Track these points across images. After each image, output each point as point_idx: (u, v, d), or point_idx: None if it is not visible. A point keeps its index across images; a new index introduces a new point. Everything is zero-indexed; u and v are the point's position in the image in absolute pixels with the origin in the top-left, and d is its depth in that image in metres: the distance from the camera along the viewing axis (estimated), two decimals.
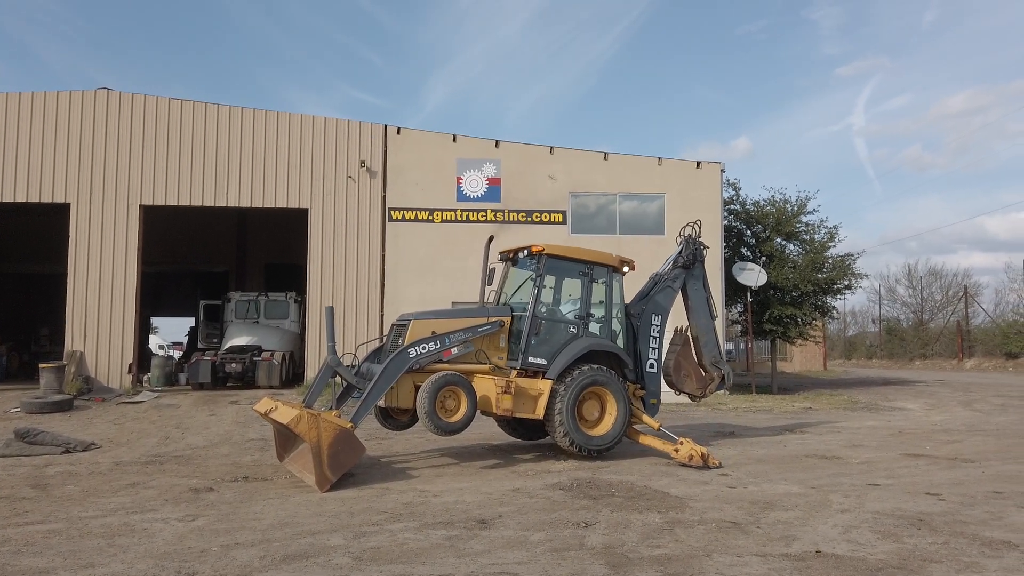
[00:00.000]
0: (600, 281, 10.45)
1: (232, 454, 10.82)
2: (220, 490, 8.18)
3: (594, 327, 10.39)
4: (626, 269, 10.76)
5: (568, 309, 10.50)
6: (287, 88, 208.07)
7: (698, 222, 11.86)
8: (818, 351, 42.05)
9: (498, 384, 9.49)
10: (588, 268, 10.30)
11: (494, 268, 10.90)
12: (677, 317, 11.59)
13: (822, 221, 24.44)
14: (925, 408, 18.52)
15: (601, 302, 10.49)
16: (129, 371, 19.89)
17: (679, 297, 11.50)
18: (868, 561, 5.60)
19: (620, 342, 10.60)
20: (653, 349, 10.91)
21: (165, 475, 9.14)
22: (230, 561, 5.56)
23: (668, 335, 11.42)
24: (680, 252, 11.51)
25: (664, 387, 11.14)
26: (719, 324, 12.43)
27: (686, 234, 11.66)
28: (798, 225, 23.99)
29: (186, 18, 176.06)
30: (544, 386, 9.75)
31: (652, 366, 10.87)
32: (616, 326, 10.61)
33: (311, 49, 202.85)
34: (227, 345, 21.78)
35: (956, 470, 9.61)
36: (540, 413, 9.75)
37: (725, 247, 22.46)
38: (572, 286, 10.60)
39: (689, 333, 11.58)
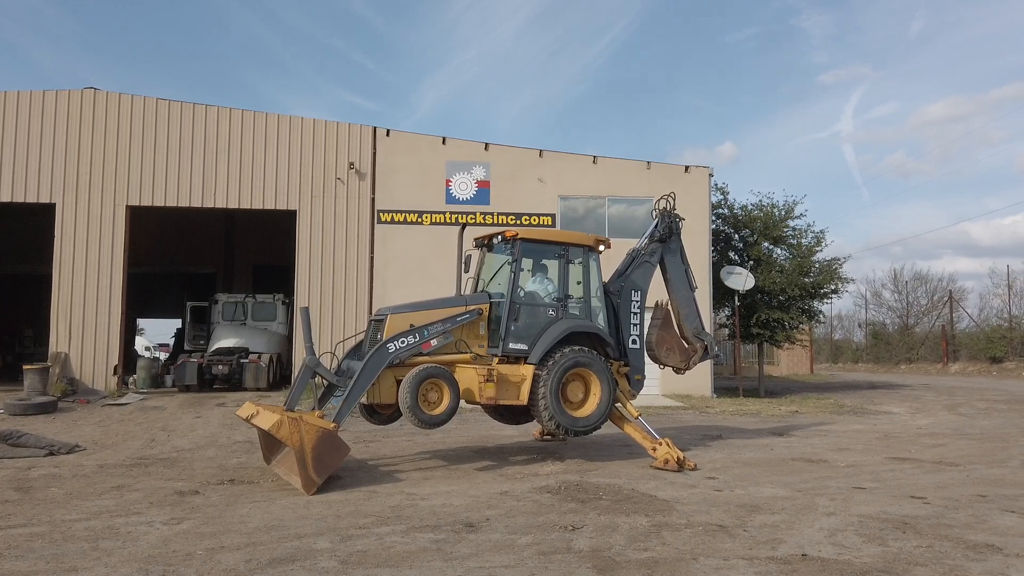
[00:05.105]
0: (577, 262, 10.42)
1: (218, 457, 10.75)
2: (206, 493, 8.12)
3: (573, 308, 10.35)
4: (602, 248, 10.73)
5: (547, 292, 10.48)
6: (279, 91, 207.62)
7: (672, 194, 11.74)
8: (805, 355, 42.20)
9: (480, 373, 9.43)
10: (564, 250, 10.27)
11: (470, 255, 10.89)
12: (657, 292, 11.55)
13: (809, 226, 24.53)
14: (910, 412, 18.64)
15: (579, 283, 10.47)
16: (114, 373, 19.73)
17: (658, 271, 11.48)
18: (854, 564, 5.63)
19: (600, 321, 10.56)
20: (635, 325, 10.89)
21: (150, 478, 9.07)
22: (215, 565, 5.52)
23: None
24: (656, 226, 11.43)
25: (650, 364, 11.11)
26: (701, 296, 12.29)
27: (661, 207, 11.59)
28: (785, 230, 24.09)
29: (178, 20, 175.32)
30: (527, 371, 9.71)
31: (635, 342, 10.85)
32: (596, 305, 10.57)
33: (304, 52, 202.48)
34: (214, 347, 21.66)
35: (941, 474, 9.68)
36: (524, 399, 9.71)
37: (713, 251, 22.55)
38: (549, 269, 10.58)
39: (670, 307, 11.57)
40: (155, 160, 20.31)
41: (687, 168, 21.91)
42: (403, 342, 9.17)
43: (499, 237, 10.41)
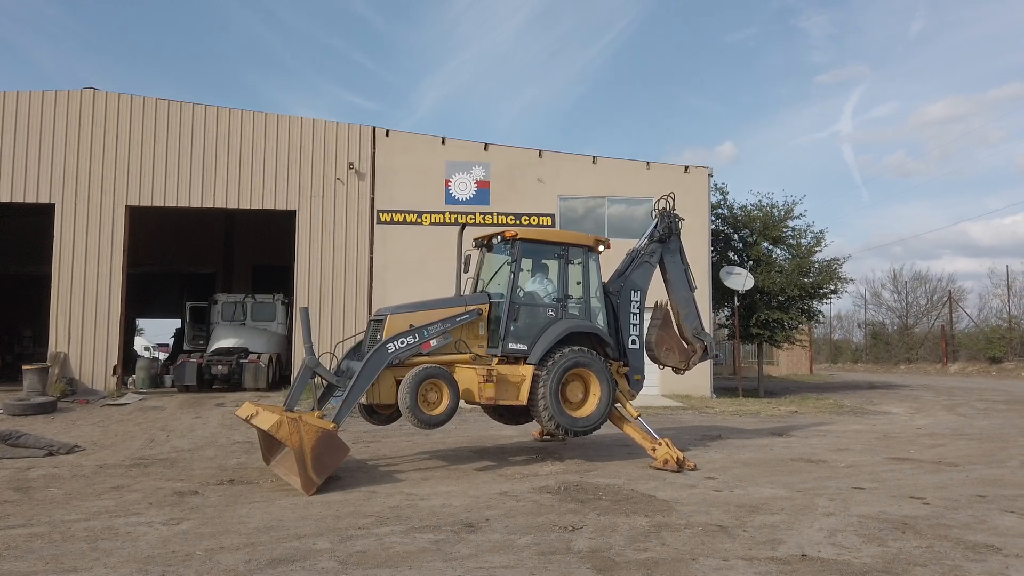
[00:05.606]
0: (576, 262, 10.42)
1: (217, 457, 10.74)
2: (205, 493, 8.12)
3: (573, 308, 10.35)
4: (602, 248, 10.73)
5: (547, 292, 10.45)
6: (279, 91, 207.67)
7: (672, 195, 11.74)
8: (804, 355, 42.20)
9: (480, 373, 9.42)
10: (563, 250, 10.27)
11: (469, 255, 10.90)
12: (657, 292, 11.55)
13: (808, 226, 24.54)
14: (910, 412, 18.65)
15: (579, 283, 10.47)
16: (114, 373, 19.73)
17: (657, 272, 11.49)
18: (853, 565, 5.63)
19: (600, 321, 10.56)
20: (634, 326, 10.89)
21: (149, 478, 9.07)
22: (215, 565, 5.52)
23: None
24: (655, 226, 11.43)
25: (649, 364, 11.11)
26: (700, 296, 12.27)
27: (660, 207, 11.60)
28: (785, 230, 24.10)
29: (178, 20, 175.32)
30: (526, 371, 9.70)
31: (634, 342, 10.85)
32: (595, 305, 10.57)
33: (304, 52, 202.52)
34: (213, 347, 21.65)
35: (940, 474, 9.68)
36: (524, 399, 9.71)
37: (713, 251, 22.55)
38: (549, 269, 10.57)
39: (669, 307, 11.58)
40: (155, 160, 20.31)
41: (687, 168, 21.91)
42: (403, 342, 9.16)
43: (499, 237, 10.41)
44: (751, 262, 23.57)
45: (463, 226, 11.71)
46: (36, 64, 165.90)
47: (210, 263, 31.08)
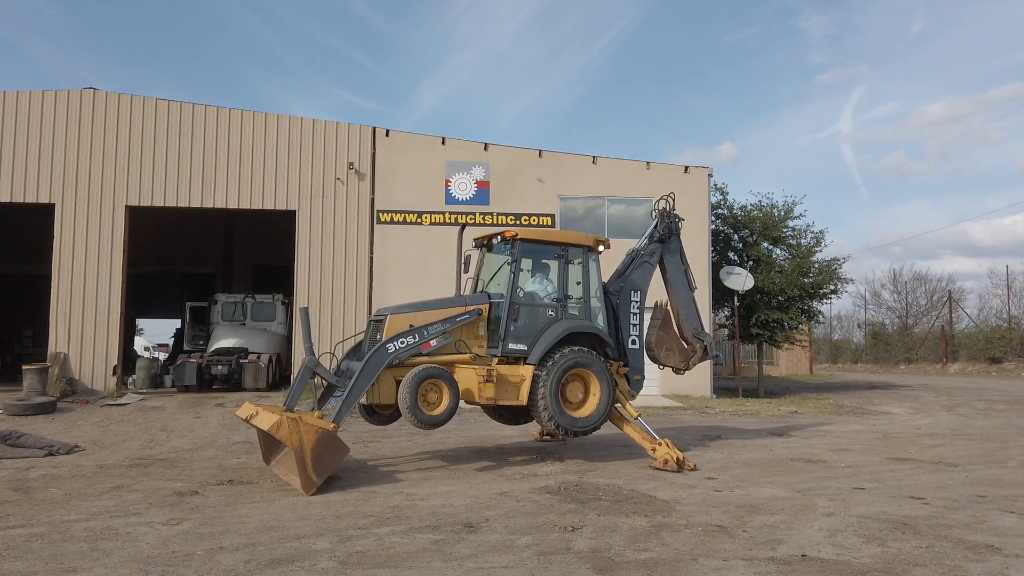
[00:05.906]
0: (576, 262, 10.42)
1: (217, 457, 10.74)
2: (205, 493, 8.12)
3: (573, 308, 10.35)
4: (602, 248, 10.73)
5: (547, 292, 10.44)
6: (279, 91, 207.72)
7: (672, 195, 11.75)
8: (804, 355, 42.21)
9: (479, 373, 9.43)
10: (563, 250, 10.26)
11: (469, 255, 10.90)
12: (657, 292, 11.55)
13: (808, 226, 24.55)
14: (910, 412, 18.65)
15: (579, 283, 10.47)
16: (114, 373, 19.73)
17: (657, 272, 11.49)
18: (853, 565, 5.63)
19: (600, 321, 10.56)
20: (634, 326, 10.90)
21: (149, 478, 9.06)
22: (215, 565, 5.52)
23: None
24: (655, 226, 11.44)
25: (649, 364, 11.11)
26: (700, 296, 12.25)
27: (660, 207, 11.60)
28: (785, 230, 24.10)
29: (178, 20, 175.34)
30: (526, 372, 9.71)
31: (634, 343, 10.85)
32: (595, 305, 10.57)
33: (304, 52, 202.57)
34: (213, 347, 21.66)
35: (940, 474, 9.68)
36: (524, 399, 9.72)
37: (712, 251, 22.55)
38: (549, 269, 10.56)
39: (669, 307, 11.58)
40: (155, 160, 20.31)
41: (686, 168, 21.91)
42: (402, 342, 9.16)
43: (498, 237, 10.41)
44: (751, 262, 23.57)
45: (463, 226, 11.71)
46: (36, 64, 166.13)
47: (210, 263, 31.09)
